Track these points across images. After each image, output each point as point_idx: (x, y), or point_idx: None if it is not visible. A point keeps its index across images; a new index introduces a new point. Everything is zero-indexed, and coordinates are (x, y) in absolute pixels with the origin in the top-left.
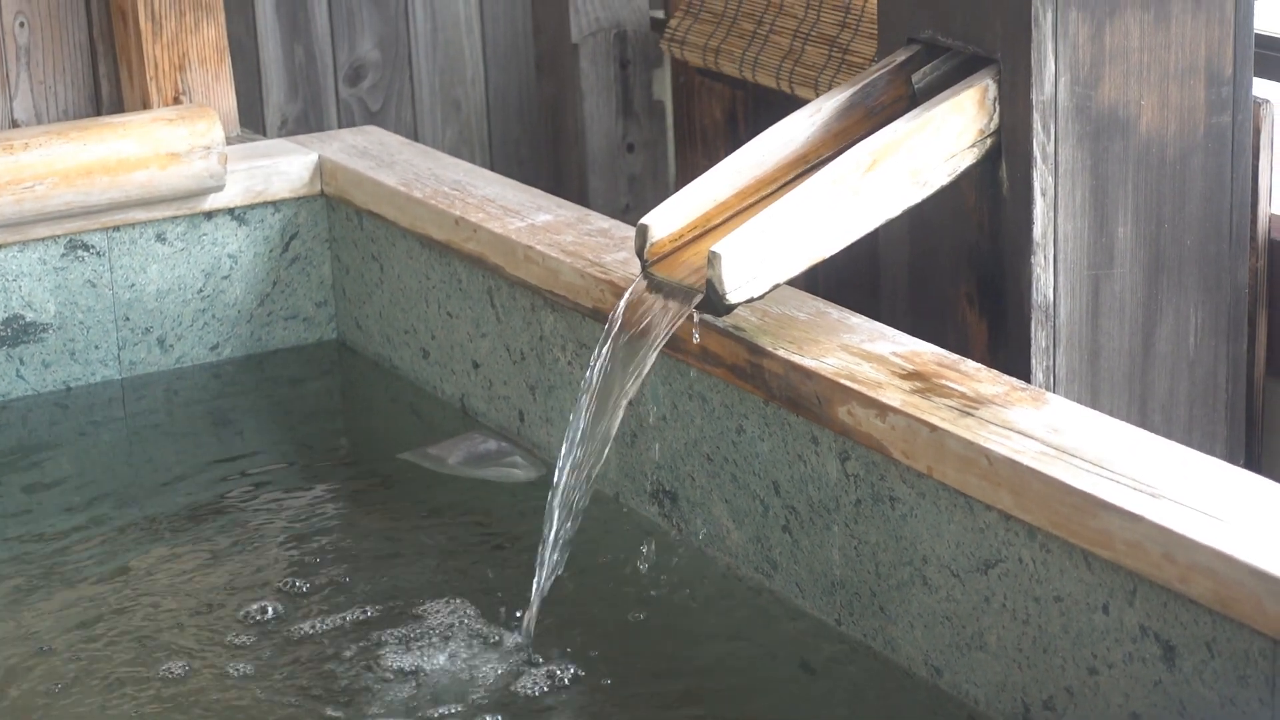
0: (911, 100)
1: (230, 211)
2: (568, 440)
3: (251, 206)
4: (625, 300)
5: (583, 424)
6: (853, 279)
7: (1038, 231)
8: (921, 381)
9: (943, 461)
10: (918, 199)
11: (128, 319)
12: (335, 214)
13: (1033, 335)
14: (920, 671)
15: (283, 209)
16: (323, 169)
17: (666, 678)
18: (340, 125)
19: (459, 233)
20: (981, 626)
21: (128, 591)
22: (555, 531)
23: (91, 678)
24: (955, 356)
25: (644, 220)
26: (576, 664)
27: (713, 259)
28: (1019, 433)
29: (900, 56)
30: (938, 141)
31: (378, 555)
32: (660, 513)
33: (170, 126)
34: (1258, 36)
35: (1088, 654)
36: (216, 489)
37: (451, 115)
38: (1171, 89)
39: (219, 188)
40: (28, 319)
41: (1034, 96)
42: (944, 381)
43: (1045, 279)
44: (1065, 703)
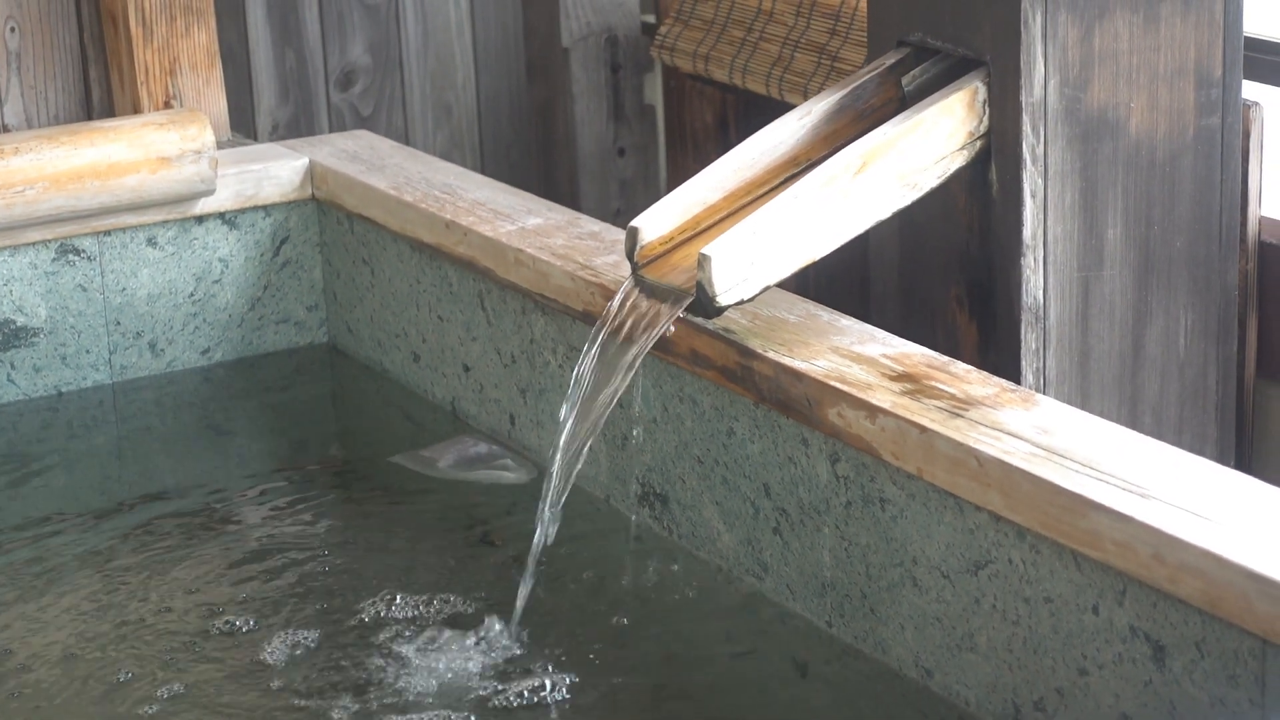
0: (901, 103)
1: (221, 216)
2: (556, 444)
3: (242, 210)
4: (615, 303)
5: (570, 427)
6: (843, 281)
7: (1027, 233)
8: (911, 383)
9: (933, 463)
10: (908, 201)
11: (119, 323)
12: (326, 218)
13: (1023, 337)
14: (911, 673)
15: (274, 213)
16: (314, 173)
17: (656, 680)
18: (331, 130)
19: (450, 236)
20: (972, 628)
21: (118, 595)
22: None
23: (80, 682)
24: (945, 358)
25: (634, 223)
26: (566, 667)
27: (703, 261)
28: (1009, 434)
29: (890, 59)
30: (927, 144)
31: (368, 558)
32: (651, 515)
33: (161, 131)
34: (1247, 39)
35: (1078, 655)
36: (207, 493)
37: (442, 119)
38: (1161, 91)
39: (210, 192)
40: (18, 323)
41: (1023, 98)
42: (934, 383)
43: (1035, 281)
44: (1056, 704)
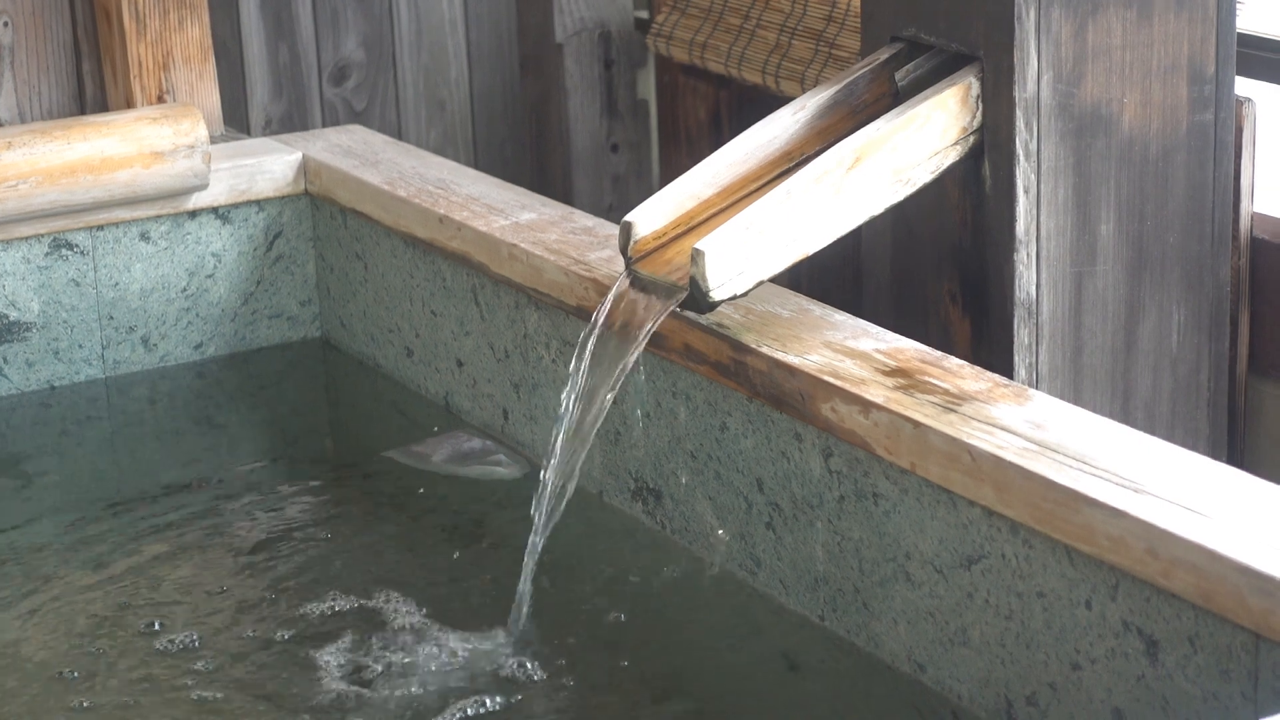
0: (895, 98)
1: (214, 210)
2: (552, 440)
3: (236, 205)
4: (609, 298)
5: (566, 423)
6: (836, 276)
7: (1020, 229)
8: (904, 378)
9: (926, 458)
10: (901, 196)
11: (112, 318)
12: (319, 213)
13: (1015, 332)
14: (903, 667)
15: (267, 208)
16: (307, 168)
17: (649, 675)
18: (324, 125)
19: (443, 231)
20: (965, 622)
21: (111, 590)
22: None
23: (74, 675)
24: (938, 353)
25: (628, 218)
26: (559, 662)
27: (696, 256)
28: (1002, 429)
29: (883, 54)
30: (921, 139)
31: (360, 553)
32: (644, 510)
33: (154, 125)
34: (1240, 35)
35: (1070, 649)
36: (200, 487)
37: (436, 115)
38: (1154, 87)
39: (203, 186)
40: (11, 318)
41: (1017, 94)
42: (927, 378)
43: (1028, 276)
44: (1048, 698)
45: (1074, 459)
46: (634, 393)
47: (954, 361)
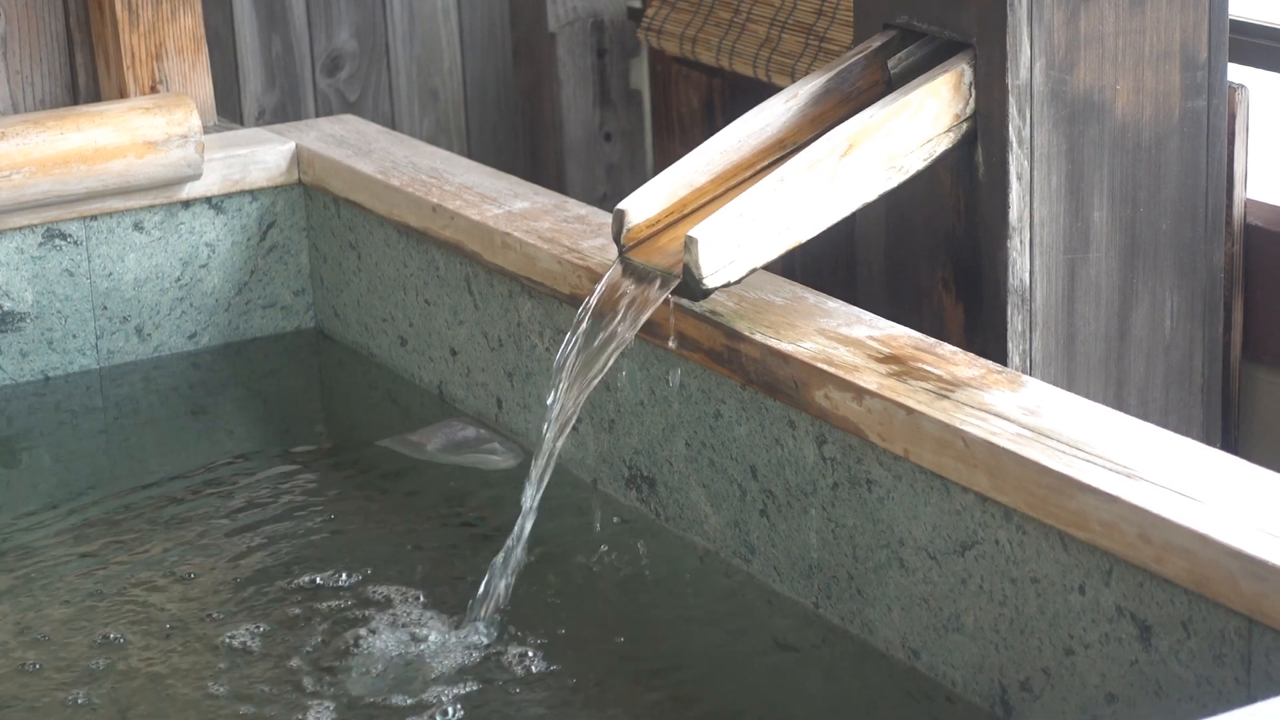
0: (887, 86)
1: (208, 200)
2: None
3: (229, 195)
4: (602, 286)
5: (556, 411)
6: (829, 264)
7: (1014, 216)
8: (898, 365)
9: (919, 444)
10: (894, 184)
11: (105, 308)
12: (313, 202)
13: (1009, 319)
14: (898, 654)
15: (260, 198)
16: (300, 157)
17: (643, 662)
18: (318, 115)
19: (436, 220)
20: (958, 608)
21: (105, 579)
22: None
23: (67, 664)
24: (931, 340)
25: (621, 205)
26: (551, 650)
27: (689, 244)
28: (995, 415)
29: (876, 42)
30: (914, 126)
31: (354, 542)
32: (638, 498)
33: (147, 115)
34: (1232, 21)
35: (1064, 635)
36: (194, 477)
37: (429, 105)
38: (1147, 73)
39: (196, 176)
40: (5, 308)
41: (1009, 81)
42: (920, 365)
43: (1021, 263)
44: (1042, 684)
45: (1067, 445)
46: (628, 381)
47: (947, 348)
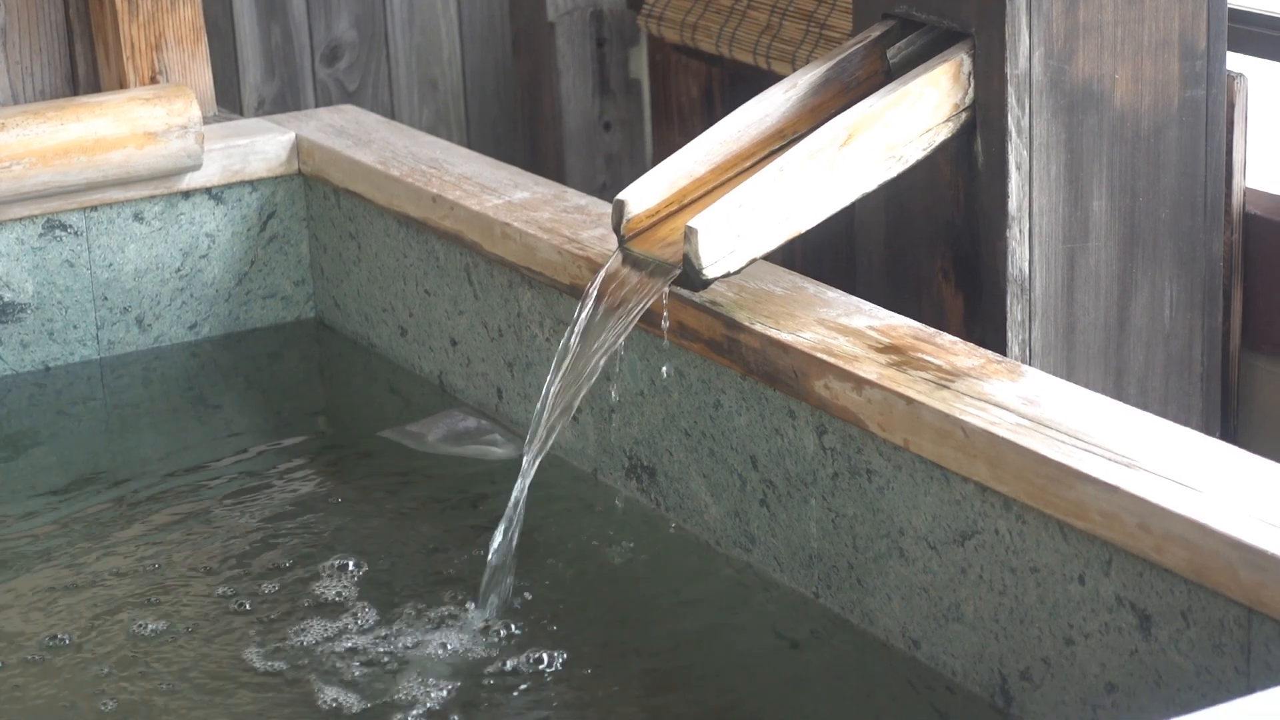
0: (887, 75)
1: (208, 191)
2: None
3: (229, 186)
4: (601, 276)
5: (552, 400)
6: (829, 254)
7: (1013, 205)
8: (898, 355)
9: (919, 434)
10: (893, 173)
11: (106, 298)
12: (313, 193)
13: (1008, 309)
14: (898, 643)
15: (260, 188)
16: (300, 148)
17: (644, 653)
18: (317, 105)
19: (436, 210)
20: (958, 598)
21: (105, 570)
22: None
23: (69, 653)
24: (931, 330)
25: (620, 196)
26: (551, 640)
27: (689, 234)
28: (995, 405)
29: (875, 31)
30: (913, 116)
31: (354, 531)
32: (638, 488)
33: (147, 106)
34: (1231, 10)
35: (1064, 624)
36: (195, 467)
37: (428, 94)
38: (1145, 63)
39: (196, 167)
40: (6, 299)
41: (1008, 71)
42: (920, 355)
43: (1020, 253)
44: (1042, 673)
45: (1067, 435)
46: (628, 371)
47: (947, 338)
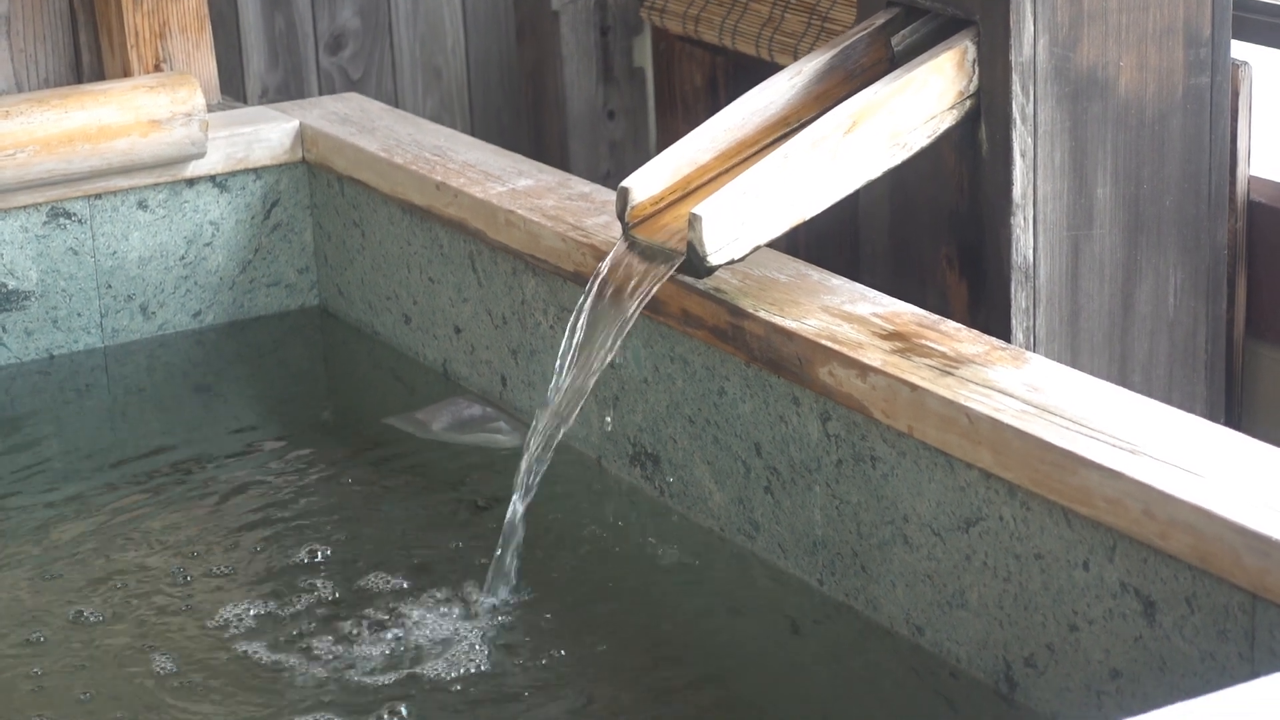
0: (891, 63)
1: (212, 179)
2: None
3: (233, 173)
4: (606, 263)
5: (562, 387)
6: (833, 241)
7: (1017, 193)
8: (902, 342)
9: (923, 421)
10: (898, 160)
11: (110, 286)
12: (317, 180)
13: (1013, 296)
14: (902, 630)
15: (264, 176)
16: (304, 136)
17: (646, 639)
18: (321, 94)
19: (440, 198)
20: (963, 585)
21: (109, 556)
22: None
23: (70, 640)
24: (935, 317)
25: (625, 183)
26: (556, 628)
27: (693, 221)
28: (999, 391)
29: (880, 19)
30: (917, 103)
31: (358, 520)
32: (642, 475)
33: (151, 94)
34: None
35: (1068, 611)
36: (199, 455)
37: (432, 83)
38: (1150, 50)
39: (200, 155)
40: (10, 287)
41: (1013, 58)
42: (924, 341)
43: (1025, 240)
44: (1046, 660)
45: (1071, 421)
46: (632, 358)
47: (951, 325)
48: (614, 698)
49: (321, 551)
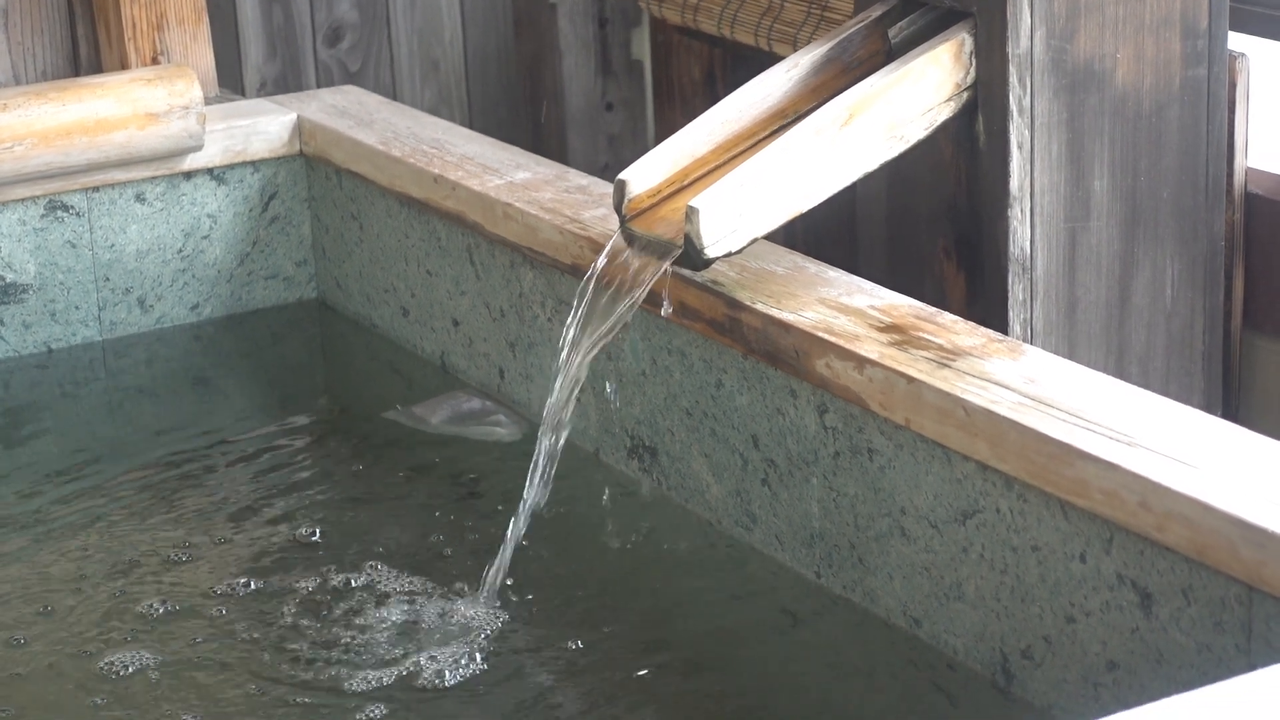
0: (888, 55)
1: (209, 171)
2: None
3: (231, 166)
4: (603, 256)
5: (560, 381)
6: (831, 233)
7: (1014, 185)
8: (899, 334)
9: (920, 413)
10: (895, 153)
11: (108, 279)
12: (314, 173)
13: (1010, 288)
14: (899, 622)
15: (262, 169)
16: (302, 128)
17: (645, 632)
18: (319, 86)
19: (438, 191)
20: (960, 577)
21: (107, 550)
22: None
23: (70, 631)
24: (932, 309)
25: (622, 175)
26: (554, 620)
27: (691, 214)
28: (996, 383)
29: (876, 11)
30: (915, 95)
31: (355, 513)
32: (640, 467)
33: (149, 87)
34: None
35: (1065, 603)
36: (197, 448)
37: (430, 75)
38: (1147, 42)
39: (198, 148)
40: (8, 280)
41: (1010, 50)
42: (921, 334)
43: (1022, 232)
44: (1043, 652)
45: (1068, 413)
46: (629, 351)
47: (948, 317)
48: (610, 690)
49: (318, 544)
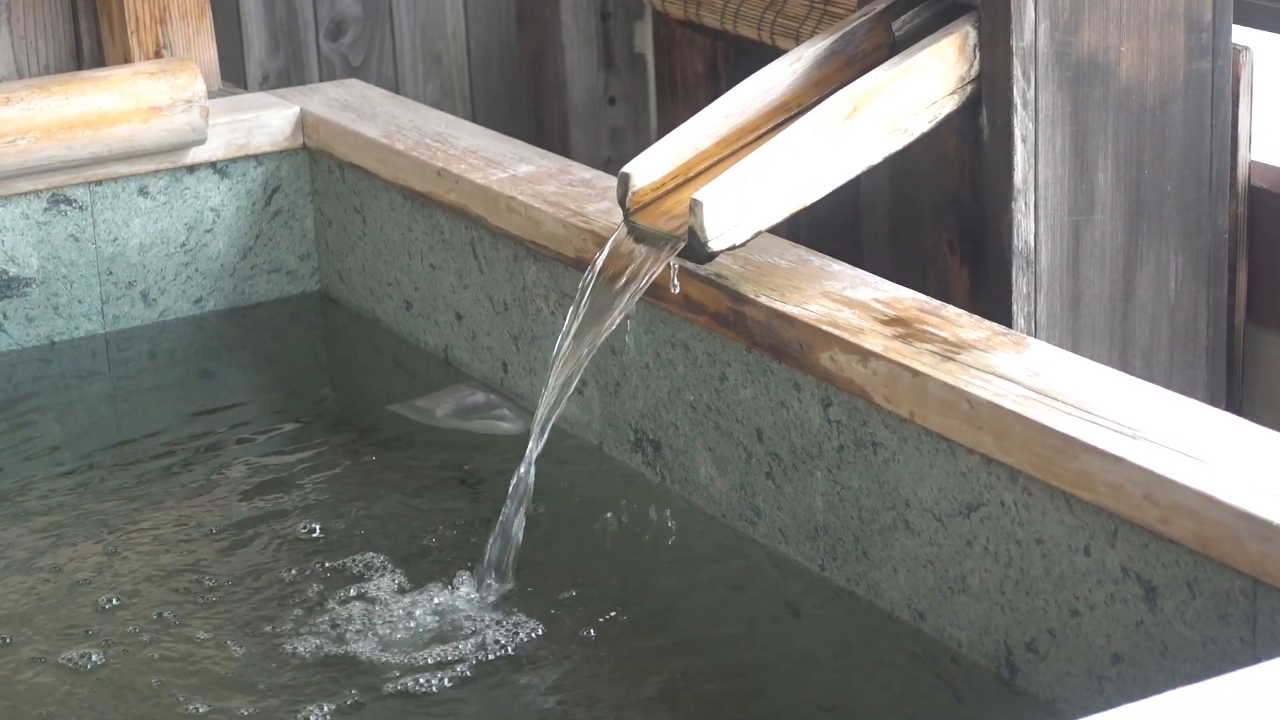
0: (892, 48)
1: (212, 165)
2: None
3: (234, 160)
4: (607, 249)
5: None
6: (834, 227)
7: (1018, 178)
8: (903, 327)
9: (925, 406)
10: (899, 146)
11: (111, 273)
12: (317, 167)
13: (1014, 281)
14: (903, 616)
15: (265, 162)
16: (305, 122)
17: (648, 626)
18: (322, 80)
19: (441, 184)
20: (964, 570)
21: (110, 543)
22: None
23: (72, 624)
24: (936, 302)
25: (626, 169)
26: (558, 612)
27: (694, 207)
28: (1000, 376)
29: (880, 4)
30: (919, 88)
31: (361, 507)
32: (644, 461)
33: (152, 80)
34: None
35: (1070, 596)
36: (201, 442)
37: (433, 69)
38: (1151, 35)
39: (201, 141)
40: (11, 273)
41: (1014, 43)
42: (925, 327)
43: (1026, 225)
44: (1048, 645)
45: (1072, 406)
46: (633, 344)
47: (952, 310)
48: (613, 683)
49: (322, 537)
